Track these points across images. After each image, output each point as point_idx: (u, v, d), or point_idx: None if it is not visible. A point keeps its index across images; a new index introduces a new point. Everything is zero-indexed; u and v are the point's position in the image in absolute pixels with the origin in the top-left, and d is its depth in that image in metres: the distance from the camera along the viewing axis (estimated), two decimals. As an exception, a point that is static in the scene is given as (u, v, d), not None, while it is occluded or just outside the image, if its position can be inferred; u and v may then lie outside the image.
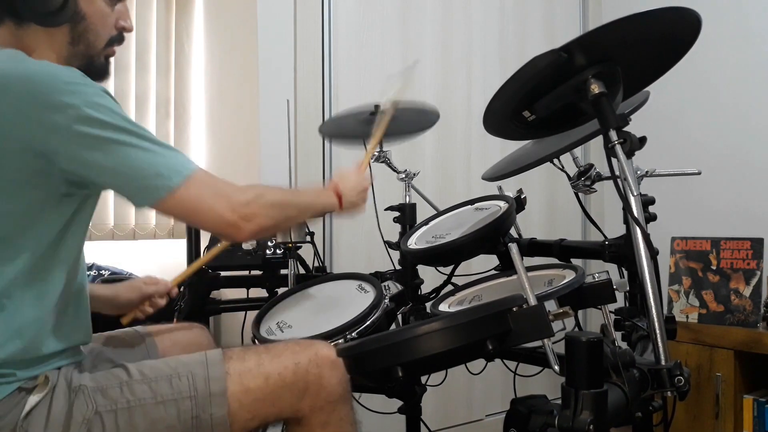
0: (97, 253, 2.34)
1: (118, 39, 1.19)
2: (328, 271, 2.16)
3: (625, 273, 1.42)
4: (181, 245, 1.99)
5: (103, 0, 1.14)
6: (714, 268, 2.31)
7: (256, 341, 1.31)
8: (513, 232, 1.56)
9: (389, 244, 1.76)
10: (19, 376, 0.99)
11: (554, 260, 1.54)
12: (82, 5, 1.10)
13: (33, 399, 0.98)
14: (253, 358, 1.08)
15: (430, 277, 1.68)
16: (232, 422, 1.04)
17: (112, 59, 1.20)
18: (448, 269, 1.62)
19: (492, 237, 1.37)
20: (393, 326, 1.43)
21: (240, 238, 1.08)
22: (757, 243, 2.24)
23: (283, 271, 1.83)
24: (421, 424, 1.69)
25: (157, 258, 2.55)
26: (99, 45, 1.15)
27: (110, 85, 2.40)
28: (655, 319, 1.06)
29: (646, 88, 1.26)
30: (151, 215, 2.57)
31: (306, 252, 1.87)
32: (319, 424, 1.09)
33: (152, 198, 1.01)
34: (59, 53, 1.12)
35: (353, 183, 1.32)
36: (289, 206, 1.17)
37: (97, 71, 1.17)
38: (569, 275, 1.29)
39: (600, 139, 1.08)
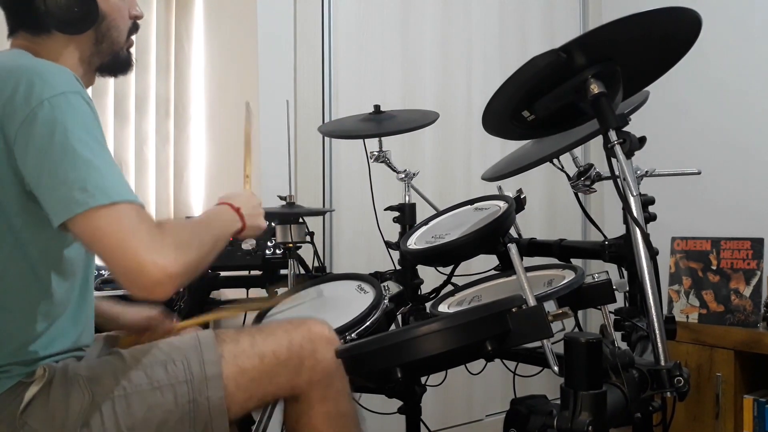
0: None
1: (134, 28, 1.22)
2: (328, 271, 2.16)
3: (625, 273, 1.42)
4: (181, 245, 1.98)
5: None
6: (714, 268, 2.30)
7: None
8: (513, 232, 1.56)
9: (389, 244, 1.76)
10: (20, 371, 1.00)
11: (554, 260, 1.54)
12: (101, 4, 1.12)
13: (31, 391, 0.98)
14: (246, 339, 1.09)
15: (430, 277, 1.68)
16: (229, 404, 1.05)
17: (132, 50, 1.23)
18: (447, 269, 1.62)
19: (492, 237, 1.37)
20: (393, 326, 1.43)
21: (151, 291, 0.90)
22: (757, 243, 2.24)
23: (283, 271, 1.83)
24: (421, 424, 1.69)
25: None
26: (122, 39, 1.18)
27: (110, 84, 2.40)
28: (655, 319, 1.06)
29: (646, 88, 1.26)
30: (151, 215, 2.56)
31: (306, 252, 1.87)
32: (317, 398, 1.10)
33: (68, 212, 0.90)
34: (82, 54, 1.14)
35: (245, 199, 1.19)
36: (204, 244, 1.01)
37: (123, 64, 1.21)
38: (569, 275, 1.29)
39: (600, 139, 1.08)
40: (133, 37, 1.22)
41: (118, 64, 1.20)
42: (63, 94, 0.94)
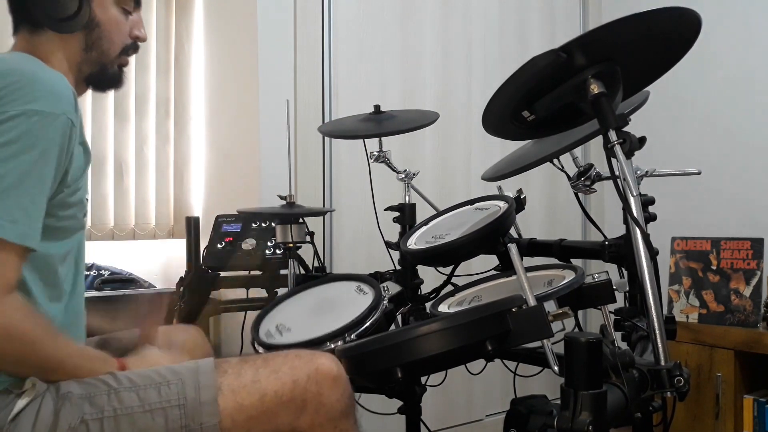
0: (97, 253, 2.34)
1: (133, 48, 1.22)
2: (328, 271, 2.16)
3: (625, 273, 1.42)
4: (181, 245, 1.99)
5: (117, 8, 1.16)
6: (714, 268, 2.30)
7: (256, 344, 1.31)
8: (513, 232, 1.56)
9: (389, 244, 1.76)
10: (6, 378, 0.98)
11: (554, 260, 1.54)
12: (97, 12, 1.13)
13: (21, 403, 0.97)
14: (249, 372, 1.05)
15: (430, 277, 1.68)
16: None
17: (125, 69, 1.22)
18: (447, 269, 1.62)
19: (492, 237, 1.37)
20: (392, 327, 1.43)
21: None
22: (757, 243, 2.24)
23: (283, 272, 1.83)
24: (421, 424, 1.69)
25: (156, 258, 2.55)
26: (113, 53, 1.17)
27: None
28: (655, 319, 1.06)
29: (646, 88, 1.26)
30: (151, 215, 2.57)
31: (306, 252, 1.87)
32: None
33: None
34: (72, 59, 1.14)
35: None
36: (39, 354, 0.98)
37: (111, 79, 1.20)
38: (569, 275, 1.29)
39: (600, 139, 1.08)
40: (130, 59, 1.22)
41: (106, 77, 1.19)
42: (36, 112, 0.94)
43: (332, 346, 1.19)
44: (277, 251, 1.88)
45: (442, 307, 1.36)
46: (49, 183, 0.98)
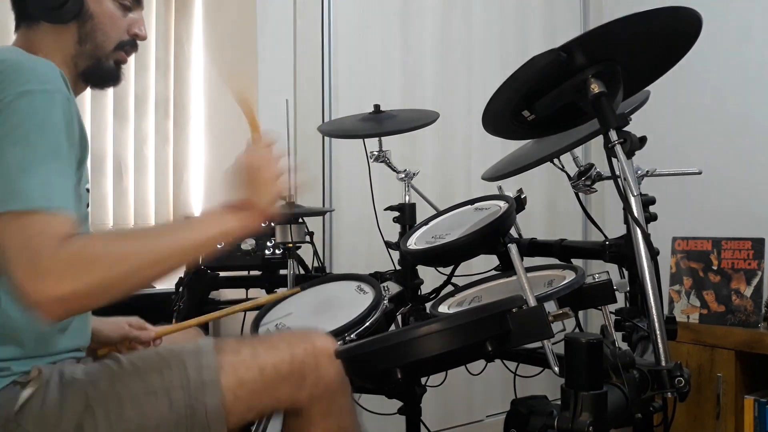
0: (96, 253, 2.34)
1: (130, 44, 1.20)
2: (328, 271, 2.16)
3: (626, 273, 1.42)
4: (181, 245, 1.98)
5: (114, 3, 1.16)
6: (715, 268, 2.30)
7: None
8: (513, 232, 1.55)
9: (389, 244, 1.76)
10: (15, 370, 1.00)
11: (554, 260, 1.54)
12: (90, 4, 1.12)
13: (26, 392, 0.98)
14: (247, 350, 1.07)
15: (430, 277, 1.68)
16: (227, 413, 1.03)
17: (123, 66, 1.21)
18: (448, 270, 1.62)
19: (492, 237, 1.37)
20: (392, 327, 1.42)
21: (34, 311, 0.85)
22: (758, 243, 2.23)
23: (283, 272, 1.83)
24: (421, 424, 1.68)
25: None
26: (108, 46, 1.16)
27: (110, 84, 2.40)
28: (656, 319, 1.06)
29: (647, 88, 1.26)
30: (150, 215, 2.56)
31: (305, 252, 1.87)
32: (318, 414, 1.08)
33: None
34: (67, 52, 1.13)
35: (262, 178, 1.13)
36: (129, 257, 0.92)
37: (106, 75, 1.18)
38: (569, 276, 1.29)
39: (600, 138, 1.08)
40: (127, 54, 1.21)
41: (101, 72, 1.17)
42: (30, 92, 0.93)
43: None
44: (277, 251, 1.88)
45: (442, 308, 1.36)
46: (66, 153, 0.95)
